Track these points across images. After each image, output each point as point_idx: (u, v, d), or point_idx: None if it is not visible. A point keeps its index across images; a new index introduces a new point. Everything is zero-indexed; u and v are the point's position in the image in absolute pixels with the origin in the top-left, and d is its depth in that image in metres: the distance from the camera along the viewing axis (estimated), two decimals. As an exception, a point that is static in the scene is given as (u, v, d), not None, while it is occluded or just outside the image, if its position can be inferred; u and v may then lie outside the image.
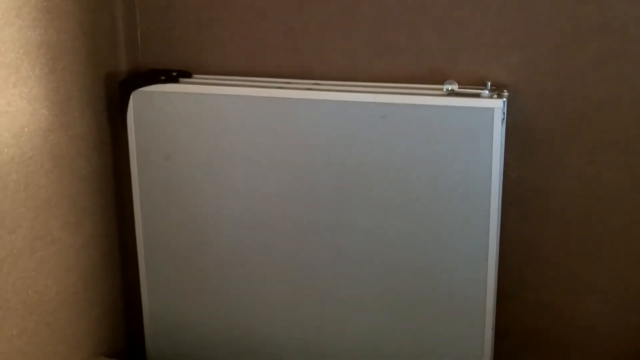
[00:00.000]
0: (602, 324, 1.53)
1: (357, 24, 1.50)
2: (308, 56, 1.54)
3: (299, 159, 1.46)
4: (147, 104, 1.52)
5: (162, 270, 1.61)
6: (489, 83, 1.37)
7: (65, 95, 1.46)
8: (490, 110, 1.33)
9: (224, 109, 1.49)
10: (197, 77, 1.57)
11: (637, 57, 1.37)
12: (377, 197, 1.43)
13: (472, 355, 1.44)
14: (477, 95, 1.36)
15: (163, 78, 1.51)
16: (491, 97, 1.35)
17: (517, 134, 1.44)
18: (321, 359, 1.56)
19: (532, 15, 1.40)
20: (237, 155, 1.50)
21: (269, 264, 1.54)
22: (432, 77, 1.47)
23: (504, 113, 1.34)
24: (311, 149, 1.45)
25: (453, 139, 1.36)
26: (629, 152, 1.42)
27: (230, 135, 1.49)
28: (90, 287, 1.58)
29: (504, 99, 1.34)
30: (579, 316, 1.53)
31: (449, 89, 1.38)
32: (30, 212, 1.39)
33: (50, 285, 1.46)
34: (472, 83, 1.43)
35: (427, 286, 1.45)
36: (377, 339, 1.51)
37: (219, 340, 1.62)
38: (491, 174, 1.35)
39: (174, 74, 1.53)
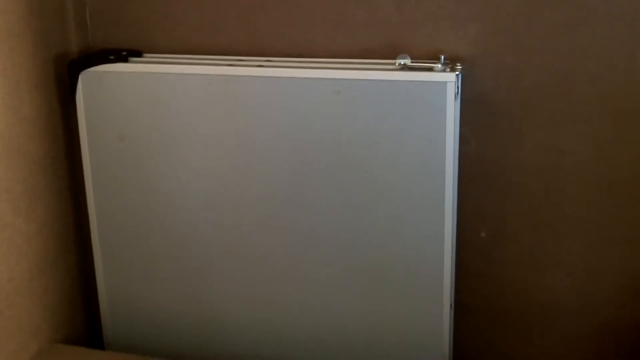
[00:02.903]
0: (566, 299, 1.52)
1: (311, -1, 1.47)
2: (262, 32, 1.51)
3: (253, 137, 1.44)
4: (96, 85, 1.49)
5: (118, 254, 1.59)
6: (443, 57, 1.36)
7: (13, 78, 1.43)
8: (443, 84, 1.32)
9: (176, 87, 1.46)
10: (147, 56, 1.54)
11: (596, 27, 1.35)
12: (333, 174, 1.42)
13: (431, 331, 1.43)
14: (430, 69, 1.34)
15: (112, 58, 1.48)
16: (444, 70, 1.33)
17: (475, 107, 1.43)
18: (281, 337, 1.55)
19: (490, -15, 1.38)
20: (191, 134, 1.48)
21: (225, 243, 1.52)
22: (388, 52, 1.45)
23: (457, 87, 1.32)
24: (266, 127, 1.43)
25: (407, 114, 1.35)
26: (589, 123, 1.41)
27: (182, 114, 1.47)
28: (44, 273, 1.56)
29: (458, 73, 1.32)
30: (543, 291, 1.53)
31: (402, 63, 1.36)
32: (-22, 197, 1.37)
33: (2, 271, 1.43)
34: (429, 57, 1.41)
35: (385, 263, 1.44)
36: (336, 317, 1.50)
37: (178, 323, 1.60)
38: (445, 149, 1.34)
39: (124, 53, 1.51)
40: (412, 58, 1.37)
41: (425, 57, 1.41)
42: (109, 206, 1.57)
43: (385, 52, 1.45)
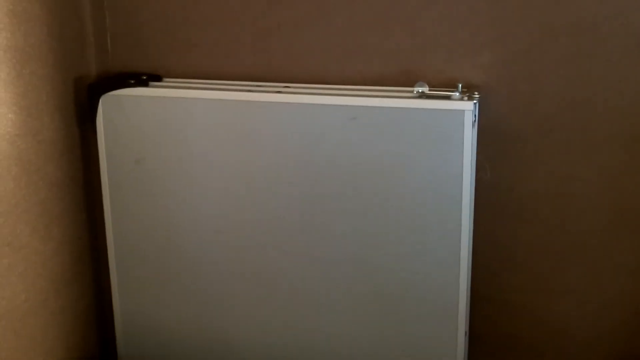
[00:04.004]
0: (576, 327, 1.52)
1: (327, 25, 1.49)
2: (278, 58, 1.53)
3: (269, 162, 1.45)
4: (116, 108, 1.51)
5: (134, 275, 1.60)
6: (460, 85, 1.37)
7: (33, 100, 1.44)
8: (461, 112, 1.32)
9: (194, 112, 1.47)
10: (167, 81, 1.56)
11: (608, 55, 1.37)
12: (349, 200, 1.42)
13: (445, 358, 1.43)
14: (448, 98, 1.35)
15: (132, 82, 1.50)
16: (462, 99, 1.34)
17: (489, 134, 1.44)
18: (293, 362, 1.55)
19: (503, 14, 1.40)
20: (207, 158, 1.49)
21: (240, 267, 1.53)
22: (403, 79, 1.46)
23: (475, 115, 1.33)
24: (282, 152, 1.44)
25: (424, 142, 1.36)
26: (601, 152, 1.42)
27: (201, 138, 1.48)
28: (60, 293, 1.56)
29: (475, 101, 1.34)
30: (553, 319, 1.53)
31: (420, 91, 1.38)
32: (-3, 218, 1.38)
33: (19, 292, 1.44)
34: (443, 84, 1.43)
35: (400, 289, 1.44)
36: (350, 343, 1.50)
37: (191, 344, 1.61)
38: (462, 176, 1.35)
39: (144, 77, 1.52)
40: (427, 85, 1.39)
41: (439, 84, 1.42)
42: (126, 228, 1.57)
43: (399, 79, 1.46)
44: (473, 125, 1.33)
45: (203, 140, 1.48)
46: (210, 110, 1.46)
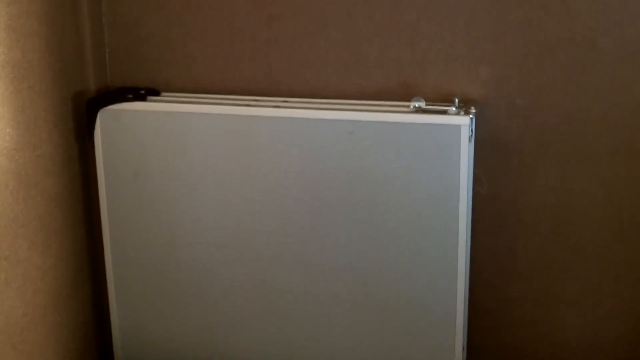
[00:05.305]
0: (576, 338, 1.53)
1: (326, 39, 1.50)
2: (277, 72, 1.54)
3: (268, 176, 1.46)
4: (114, 123, 1.51)
5: (132, 289, 1.60)
6: (457, 100, 1.37)
7: (31, 115, 1.45)
8: (458, 127, 1.33)
9: (192, 126, 1.48)
10: (165, 95, 1.56)
11: (605, 69, 1.37)
12: (347, 213, 1.43)
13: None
14: (445, 112, 1.36)
15: (130, 96, 1.51)
16: (458, 113, 1.35)
17: (487, 148, 1.44)
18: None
19: (500, 29, 1.40)
20: (205, 173, 1.49)
21: (238, 280, 1.53)
22: (401, 93, 1.47)
23: (471, 130, 1.34)
24: (280, 166, 1.45)
25: (421, 156, 1.36)
26: (599, 164, 1.42)
27: (199, 153, 1.49)
28: (58, 309, 1.56)
29: (472, 116, 1.34)
30: (553, 331, 1.53)
31: (416, 105, 1.38)
32: (-5, 232, 1.38)
33: (17, 306, 1.44)
34: (441, 98, 1.43)
35: (397, 302, 1.44)
36: (349, 355, 1.50)
37: (190, 357, 1.60)
38: (459, 190, 1.36)
39: (142, 92, 1.53)
40: (424, 99, 1.39)
41: (437, 98, 1.43)
42: (124, 242, 1.58)
43: (397, 92, 1.47)
44: (470, 140, 1.33)
45: (201, 154, 1.48)
46: (209, 125, 1.47)
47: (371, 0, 1.45)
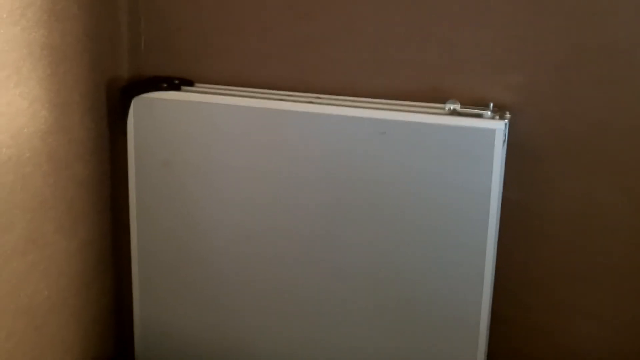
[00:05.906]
0: (595, 349, 1.52)
1: (359, 39, 1.50)
2: (309, 69, 1.54)
3: (296, 172, 1.46)
4: (148, 111, 1.52)
5: (155, 277, 1.60)
6: (492, 104, 1.37)
7: (66, 99, 1.46)
8: (492, 131, 1.33)
9: (225, 118, 1.48)
10: (199, 86, 1.57)
11: (638, 82, 1.37)
12: (373, 213, 1.43)
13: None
14: (479, 116, 1.35)
15: (165, 85, 1.51)
16: (493, 118, 1.35)
17: (517, 155, 1.44)
18: (310, 374, 1.55)
19: (535, 35, 1.40)
20: (235, 165, 1.50)
21: (262, 275, 1.53)
22: (433, 95, 1.46)
23: (505, 135, 1.34)
24: (309, 162, 1.45)
25: (453, 159, 1.36)
26: (629, 176, 1.42)
27: (229, 145, 1.49)
28: (81, 292, 1.57)
29: (506, 121, 1.34)
30: (573, 341, 1.53)
31: (451, 108, 1.38)
32: (25, 214, 1.38)
33: (41, 288, 1.45)
34: (473, 102, 1.43)
35: (422, 305, 1.44)
36: (369, 357, 1.50)
37: (209, 350, 1.61)
38: (490, 195, 1.35)
39: (176, 81, 1.53)
40: (459, 103, 1.40)
41: (467, 102, 1.43)
42: (150, 230, 1.58)
43: (429, 95, 1.47)
44: (503, 145, 1.33)
45: (232, 147, 1.49)
46: (241, 117, 1.47)
47: (407, 3, 1.46)
